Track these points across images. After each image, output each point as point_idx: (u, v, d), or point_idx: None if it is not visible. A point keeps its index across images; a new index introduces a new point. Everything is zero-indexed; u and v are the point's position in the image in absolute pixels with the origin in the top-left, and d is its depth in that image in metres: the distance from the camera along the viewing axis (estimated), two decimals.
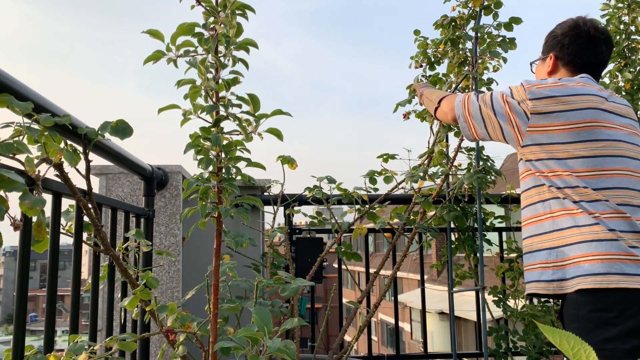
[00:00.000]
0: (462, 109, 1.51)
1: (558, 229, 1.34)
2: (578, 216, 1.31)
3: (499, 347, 2.13)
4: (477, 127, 1.48)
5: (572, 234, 1.31)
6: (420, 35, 2.25)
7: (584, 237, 1.29)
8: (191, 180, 1.09)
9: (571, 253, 1.31)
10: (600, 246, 1.27)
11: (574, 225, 1.31)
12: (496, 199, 2.30)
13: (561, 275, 1.32)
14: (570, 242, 1.31)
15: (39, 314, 42.43)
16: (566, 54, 1.51)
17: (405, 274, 16.74)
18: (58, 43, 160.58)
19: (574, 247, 1.30)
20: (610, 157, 1.33)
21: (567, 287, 1.30)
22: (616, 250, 1.26)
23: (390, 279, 1.96)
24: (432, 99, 1.72)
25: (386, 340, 20.36)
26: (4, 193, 0.75)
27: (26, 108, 0.87)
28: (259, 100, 1.08)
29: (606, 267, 1.25)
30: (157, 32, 1.06)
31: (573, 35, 1.50)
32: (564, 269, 1.32)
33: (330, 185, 1.90)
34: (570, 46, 1.50)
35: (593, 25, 1.50)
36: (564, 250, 1.32)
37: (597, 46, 1.49)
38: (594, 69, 1.51)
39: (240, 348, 0.90)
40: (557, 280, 1.32)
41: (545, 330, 0.48)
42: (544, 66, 1.57)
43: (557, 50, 1.53)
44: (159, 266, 1.98)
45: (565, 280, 1.31)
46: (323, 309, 17.46)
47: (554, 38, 1.55)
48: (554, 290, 1.33)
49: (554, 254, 1.34)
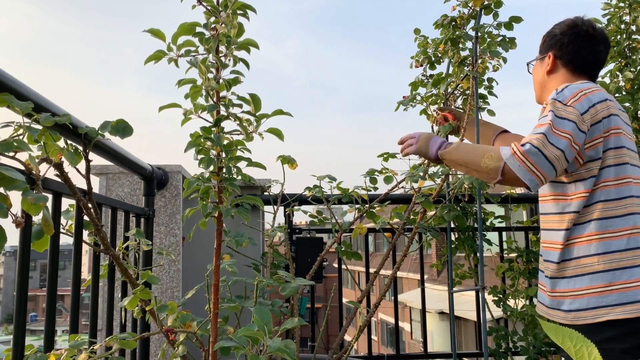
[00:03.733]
0: (528, 172, 1.26)
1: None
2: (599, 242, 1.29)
3: (499, 347, 2.13)
4: (548, 177, 1.28)
5: (592, 262, 1.29)
6: (421, 34, 2.25)
7: (609, 266, 1.27)
8: (192, 180, 1.09)
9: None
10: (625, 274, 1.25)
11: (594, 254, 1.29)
12: (496, 199, 2.30)
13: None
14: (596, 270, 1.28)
15: (39, 314, 42.43)
16: (566, 52, 1.50)
17: (405, 273, 16.74)
18: (58, 43, 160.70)
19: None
20: (625, 165, 1.32)
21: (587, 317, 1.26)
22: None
23: (390, 279, 1.96)
24: (484, 170, 1.35)
25: (386, 340, 20.36)
26: (5, 191, 0.75)
27: (26, 107, 0.87)
28: (260, 100, 1.08)
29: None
30: (158, 31, 1.05)
31: (572, 34, 1.50)
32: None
33: (330, 184, 1.90)
34: (570, 45, 1.49)
35: (591, 25, 1.51)
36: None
37: (596, 45, 1.49)
38: (592, 68, 1.51)
39: (240, 348, 0.90)
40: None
41: (547, 329, 0.48)
42: (543, 66, 1.57)
43: (556, 49, 1.52)
44: (159, 266, 1.98)
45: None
46: (323, 309, 17.46)
47: (552, 37, 1.54)
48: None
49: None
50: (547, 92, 1.54)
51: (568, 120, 1.28)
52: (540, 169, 1.25)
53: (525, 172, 1.26)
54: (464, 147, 1.48)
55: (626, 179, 1.31)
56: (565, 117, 1.29)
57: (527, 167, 1.26)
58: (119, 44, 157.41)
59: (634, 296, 1.23)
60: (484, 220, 2.27)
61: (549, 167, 1.25)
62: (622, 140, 1.34)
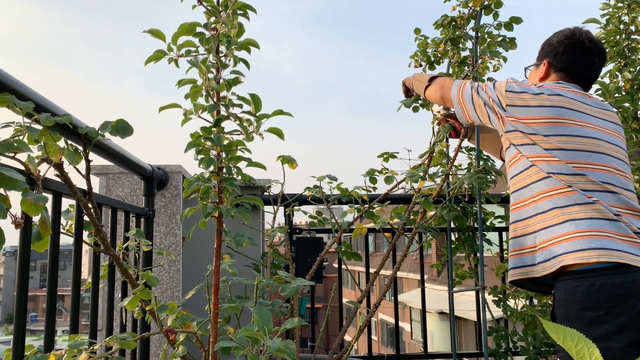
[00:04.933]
0: (457, 93, 1.60)
1: (540, 212, 1.39)
2: (559, 197, 1.36)
3: (499, 347, 2.13)
4: (469, 112, 1.57)
5: (554, 215, 1.36)
6: (421, 34, 2.25)
7: (565, 217, 1.34)
8: (192, 180, 1.09)
9: (554, 233, 1.35)
10: (581, 224, 1.31)
11: (555, 207, 1.36)
12: (496, 199, 2.30)
13: (545, 257, 1.35)
14: (553, 223, 1.35)
15: (39, 314, 42.43)
16: (559, 61, 1.55)
17: (405, 273, 16.74)
18: (59, 43, 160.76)
19: (557, 227, 1.34)
20: (587, 152, 1.38)
21: (549, 267, 1.34)
22: (597, 227, 1.29)
23: (390, 279, 1.96)
24: (422, 79, 1.80)
25: (386, 340, 20.36)
26: (5, 191, 0.75)
27: (27, 107, 0.87)
28: (260, 100, 1.08)
29: (586, 243, 1.28)
30: (158, 31, 1.06)
31: (568, 44, 1.54)
32: (546, 250, 1.35)
33: (330, 184, 1.90)
34: (564, 54, 1.54)
35: (588, 37, 1.54)
36: (547, 232, 1.37)
37: (591, 57, 1.53)
38: (584, 79, 1.55)
39: (240, 348, 0.90)
40: (541, 262, 1.36)
41: (548, 328, 0.48)
42: (537, 72, 1.62)
43: (551, 57, 1.57)
44: (159, 266, 1.98)
45: (548, 260, 1.34)
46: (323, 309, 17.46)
47: (549, 46, 1.59)
48: (539, 273, 1.36)
49: (539, 236, 1.39)
50: None
51: (495, 89, 1.49)
52: (464, 93, 1.57)
53: (455, 89, 1.61)
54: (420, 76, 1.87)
55: (580, 164, 1.37)
56: (497, 87, 1.49)
57: (458, 88, 1.59)
58: (120, 44, 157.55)
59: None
60: (484, 220, 2.27)
61: (469, 97, 1.55)
62: (578, 130, 1.41)
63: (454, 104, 1.62)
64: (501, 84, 1.50)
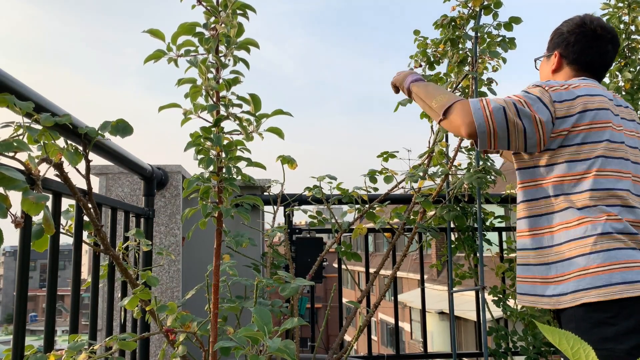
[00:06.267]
0: (483, 117, 1.29)
1: (557, 243, 1.31)
2: (575, 229, 1.28)
3: (499, 347, 2.13)
4: (499, 138, 1.30)
5: (570, 247, 1.28)
6: (420, 35, 2.25)
7: (583, 251, 1.26)
8: (192, 180, 1.09)
9: (572, 267, 1.28)
10: (601, 257, 1.24)
11: (573, 239, 1.28)
12: (496, 199, 2.30)
13: (561, 290, 1.28)
14: (570, 255, 1.28)
15: (39, 314, 42.44)
16: (571, 52, 1.48)
17: (405, 273, 16.74)
18: (59, 43, 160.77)
19: (575, 260, 1.27)
20: (613, 158, 1.30)
21: (565, 302, 1.27)
22: (618, 259, 1.23)
23: (390, 279, 1.96)
24: (433, 106, 1.42)
25: (386, 340, 20.36)
26: (5, 191, 0.75)
27: (27, 107, 0.87)
28: (259, 100, 1.08)
29: (607, 278, 1.22)
30: (157, 31, 1.06)
31: (579, 33, 1.47)
32: (562, 284, 1.29)
33: (330, 184, 1.90)
34: (576, 44, 1.47)
35: (600, 24, 1.47)
36: (565, 265, 1.29)
37: (603, 45, 1.46)
38: (598, 68, 1.48)
39: (240, 348, 0.90)
40: (556, 295, 1.29)
41: (544, 330, 0.48)
42: (549, 64, 1.55)
43: (562, 48, 1.50)
44: (159, 266, 1.98)
45: (564, 295, 1.28)
46: (323, 309, 17.46)
47: (559, 35, 1.52)
48: (553, 306, 1.30)
49: (554, 268, 1.31)
50: None
51: (536, 97, 1.31)
52: (495, 121, 1.28)
53: (481, 116, 1.28)
54: (431, 86, 1.51)
55: (605, 172, 1.29)
56: (535, 95, 1.31)
57: (484, 112, 1.28)
58: (120, 44, 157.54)
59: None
60: (484, 220, 2.27)
61: (504, 126, 1.28)
62: (614, 135, 1.32)
63: (479, 131, 1.29)
64: (542, 92, 1.32)
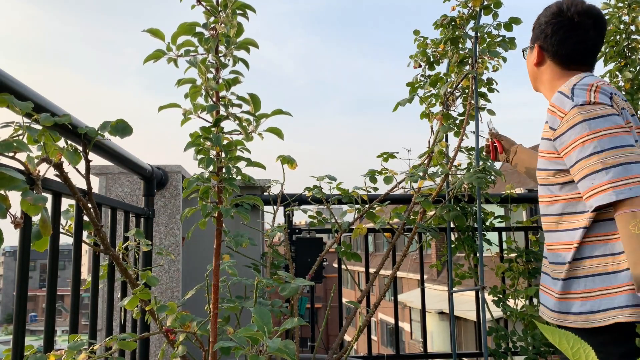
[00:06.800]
0: None
1: (589, 256, 1.25)
2: (613, 243, 1.21)
3: (499, 347, 2.13)
4: None
5: (606, 262, 1.22)
6: (420, 35, 2.25)
7: (618, 267, 1.20)
8: (191, 180, 1.09)
9: (605, 283, 1.21)
10: None
11: (609, 254, 1.22)
12: (496, 199, 2.30)
13: (591, 307, 1.22)
14: (604, 271, 1.22)
15: (39, 314, 42.43)
16: (550, 44, 1.40)
17: (405, 273, 16.74)
18: (59, 43, 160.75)
19: (610, 277, 1.21)
20: (634, 163, 1.18)
21: (596, 320, 1.21)
22: None
23: (390, 279, 1.96)
24: None
25: (386, 340, 20.36)
26: (4, 191, 0.75)
27: (26, 107, 0.87)
28: (259, 100, 1.08)
29: None
30: (157, 31, 1.06)
31: (556, 23, 1.38)
32: (592, 300, 1.22)
33: (330, 184, 1.90)
34: (554, 35, 1.38)
35: (577, 10, 1.37)
36: (596, 280, 1.23)
37: (584, 33, 1.36)
38: (583, 57, 1.39)
39: (240, 348, 0.90)
40: (584, 312, 1.23)
41: (544, 330, 0.48)
42: (532, 56, 1.48)
43: (541, 40, 1.42)
44: (158, 266, 1.98)
45: (595, 312, 1.21)
46: (323, 309, 17.46)
47: (538, 26, 1.44)
48: (581, 324, 1.23)
49: (582, 283, 1.25)
50: (540, 84, 1.48)
51: (607, 116, 1.20)
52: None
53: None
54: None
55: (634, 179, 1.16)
56: (601, 115, 1.20)
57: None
58: (120, 44, 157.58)
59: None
60: (484, 220, 2.27)
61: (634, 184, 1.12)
62: (634, 136, 1.25)
63: None
64: (594, 107, 1.21)
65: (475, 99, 1.98)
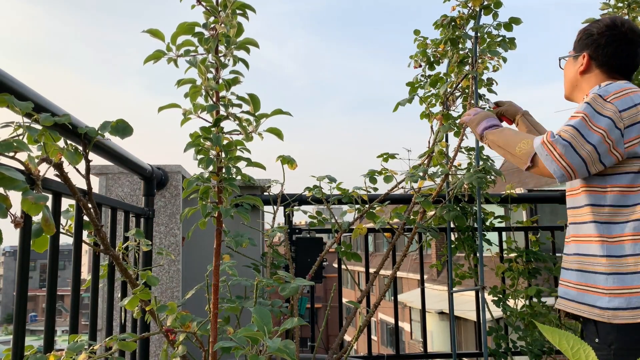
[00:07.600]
0: (557, 165, 1.28)
1: (619, 254, 1.30)
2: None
3: (499, 347, 2.13)
4: (579, 173, 1.30)
5: (636, 261, 1.27)
6: (420, 35, 2.25)
7: None
8: (191, 180, 1.09)
9: (634, 282, 1.27)
10: None
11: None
12: (496, 199, 2.30)
13: (620, 304, 1.27)
14: (634, 270, 1.27)
15: (39, 314, 42.44)
16: (601, 54, 1.46)
17: (405, 273, 16.74)
18: (59, 43, 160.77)
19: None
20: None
21: (627, 317, 1.25)
22: None
23: (390, 279, 1.96)
24: (517, 154, 1.40)
25: (386, 340, 20.36)
26: (4, 191, 0.75)
27: (26, 107, 0.87)
28: (259, 100, 1.08)
29: None
30: (157, 31, 1.06)
31: (610, 35, 1.45)
32: (623, 297, 1.27)
33: (330, 185, 1.90)
34: (607, 47, 1.45)
35: (630, 27, 1.45)
36: (626, 279, 1.28)
37: (634, 49, 1.45)
38: (628, 71, 1.47)
39: (240, 348, 0.90)
40: (612, 308, 1.27)
41: (544, 330, 0.48)
42: (576, 64, 1.52)
43: (592, 49, 1.48)
44: (158, 266, 1.98)
45: (625, 309, 1.26)
46: (323, 309, 17.45)
47: (589, 36, 1.49)
48: (607, 319, 1.28)
49: (611, 279, 1.29)
50: (578, 91, 1.53)
51: (604, 116, 1.28)
52: (569, 161, 1.27)
53: (551, 161, 1.28)
54: (507, 131, 1.52)
55: None
56: (601, 113, 1.29)
57: (554, 157, 1.28)
58: (120, 44, 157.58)
59: None
60: (484, 220, 2.27)
61: (579, 162, 1.27)
62: None
63: (556, 175, 1.29)
64: (604, 103, 1.30)
65: (475, 99, 1.98)
